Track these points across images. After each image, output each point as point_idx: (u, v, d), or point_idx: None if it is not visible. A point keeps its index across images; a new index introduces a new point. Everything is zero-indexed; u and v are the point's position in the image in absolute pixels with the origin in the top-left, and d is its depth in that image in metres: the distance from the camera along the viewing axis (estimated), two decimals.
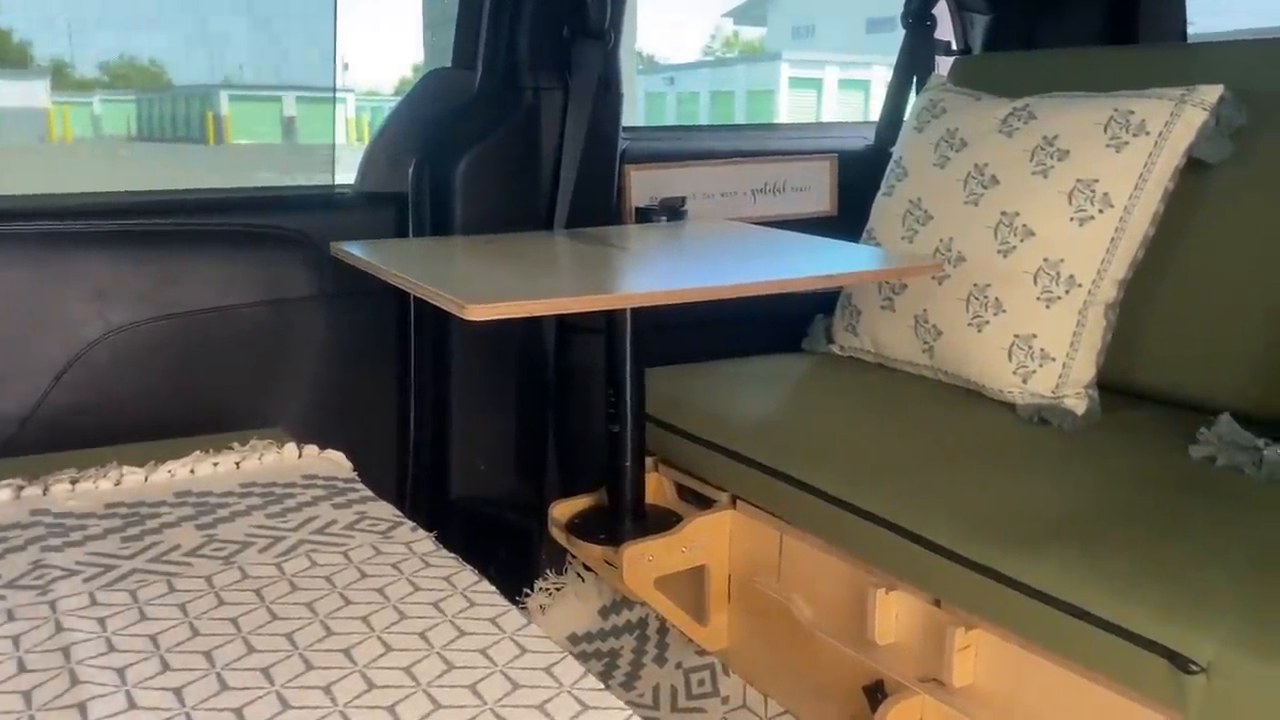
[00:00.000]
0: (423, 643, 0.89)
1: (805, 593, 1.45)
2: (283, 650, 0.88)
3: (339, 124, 15.48)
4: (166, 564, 1.04)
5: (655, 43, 45.68)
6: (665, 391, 1.68)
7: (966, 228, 1.65)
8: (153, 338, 1.62)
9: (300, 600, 0.97)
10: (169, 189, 1.78)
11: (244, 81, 20.47)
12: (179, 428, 1.50)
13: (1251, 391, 1.45)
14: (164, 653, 0.87)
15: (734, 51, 33.12)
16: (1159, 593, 1.02)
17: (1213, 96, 1.51)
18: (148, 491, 1.23)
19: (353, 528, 1.14)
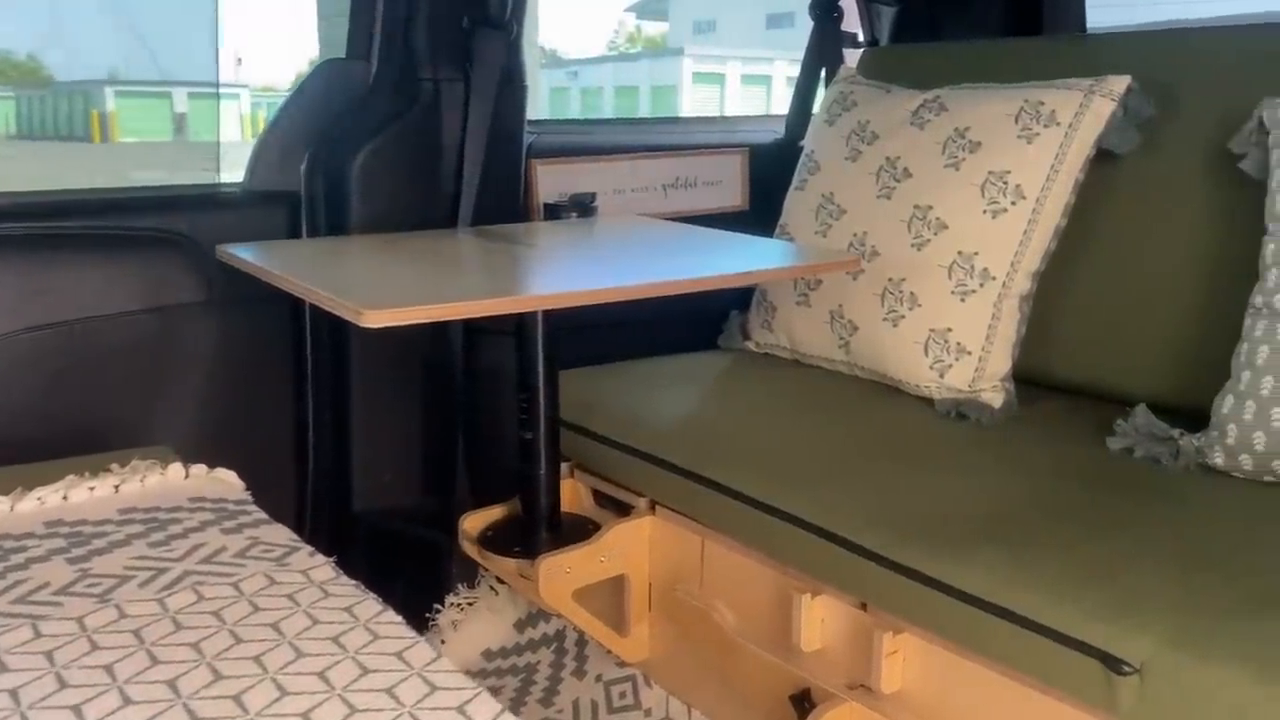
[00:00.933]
0: (322, 684, 0.82)
1: (728, 600, 1.40)
2: (163, 700, 0.79)
3: (233, 120, 15.02)
4: (32, 605, 0.94)
5: (558, 37, 45.45)
6: (579, 394, 1.62)
7: (880, 221, 1.63)
8: (22, 351, 1.50)
9: (185, 640, 0.88)
10: (38, 190, 1.65)
11: (131, 77, 19.68)
12: (53, 449, 1.38)
13: (1166, 382, 1.46)
14: (26, 709, 0.78)
15: (637, 46, 33.15)
16: (1089, 593, 1.00)
17: (1120, 87, 1.51)
18: (13, 522, 1.12)
19: (244, 555, 1.06)
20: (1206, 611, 0.95)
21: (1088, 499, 1.20)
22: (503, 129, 1.71)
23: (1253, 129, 1.36)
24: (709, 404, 1.59)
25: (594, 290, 1.27)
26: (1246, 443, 1.23)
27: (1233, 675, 0.89)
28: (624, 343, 1.82)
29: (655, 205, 1.97)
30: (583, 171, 1.88)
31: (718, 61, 21.49)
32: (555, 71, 25.41)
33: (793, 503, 1.27)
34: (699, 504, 1.41)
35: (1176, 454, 1.30)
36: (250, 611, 0.93)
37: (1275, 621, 0.93)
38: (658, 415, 1.54)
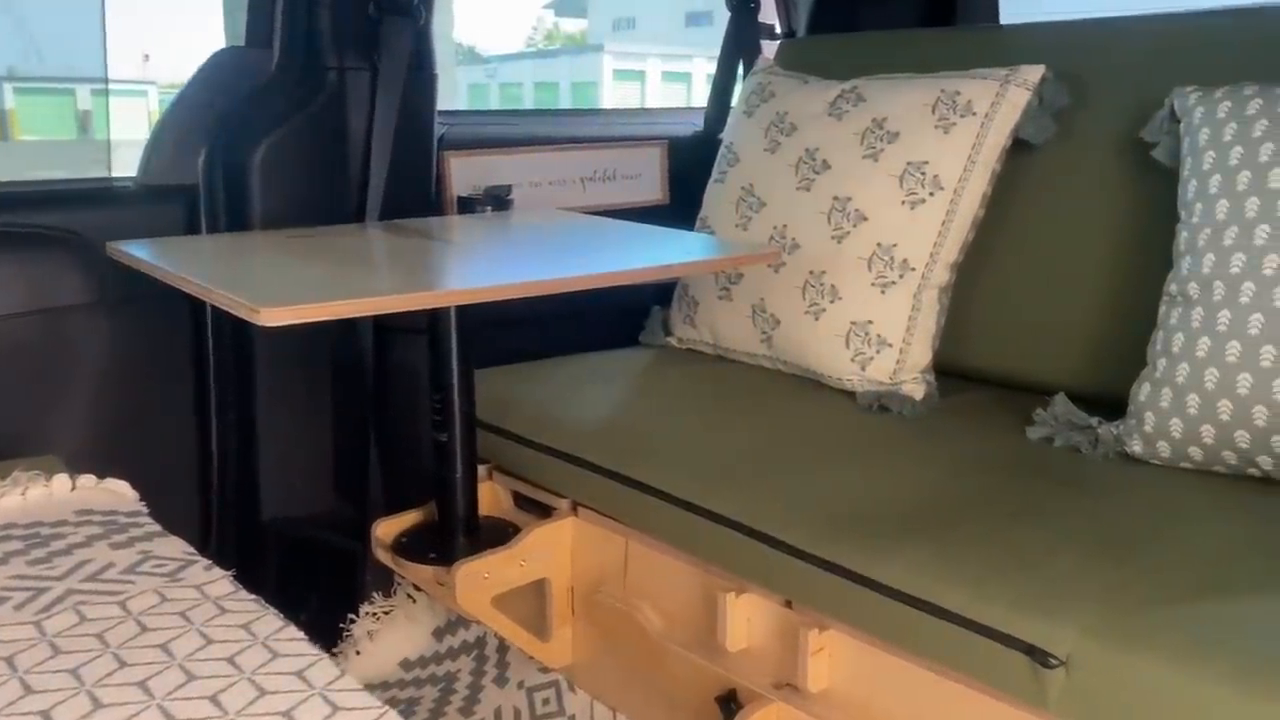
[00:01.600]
0: (215, 709, 0.76)
1: (653, 601, 1.37)
2: None
3: (140, 118, 14.58)
4: None
5: (475, 33, 45.00)
6: (496, 393, 1.57)
7: (800, 213, 1.61)
8: None
9: (63, 666, 0.81)
10: None
11: (31, 74, 18.93)
12: None
13: (1085, 370, 1.46)
14: None
15: (556, 43, 32.99)
16: (1014, 585, 0.99)
17: (1035, 76, 1.52)
18: None
19: (134, 571, 0.99)
20: (1129, 601, 0.94)
21: (1010, 490, 1.19)
22: (412, 120, 1.65)
23: (1164, 118, 1.37)
24: (631, 401, 1.56)
25: (508, 285, 1.22)
26: (1164, 430, 1.23)
27: (1157, 664, 0.88)
28: (543, 339, 1.78)
29: (573, 198, 1.93)
30: (498, 164, 1.83)
31: (638, 58, 21.50)
32: (474, 68, 25.16)
33: (716, 501, 1.24)
34: (622, 504, 1.37)
35: (1095, 442, 1.31)
36: (137, 632, 0.87)
37: (1196, 609, 0.92)
38: (578, 414, 1.50)
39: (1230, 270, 1.19)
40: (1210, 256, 1.22)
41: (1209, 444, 1.20)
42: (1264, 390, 1.13)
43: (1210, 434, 1.19)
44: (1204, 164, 1.26)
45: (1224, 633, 0.89)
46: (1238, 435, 1.17)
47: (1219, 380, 1.17)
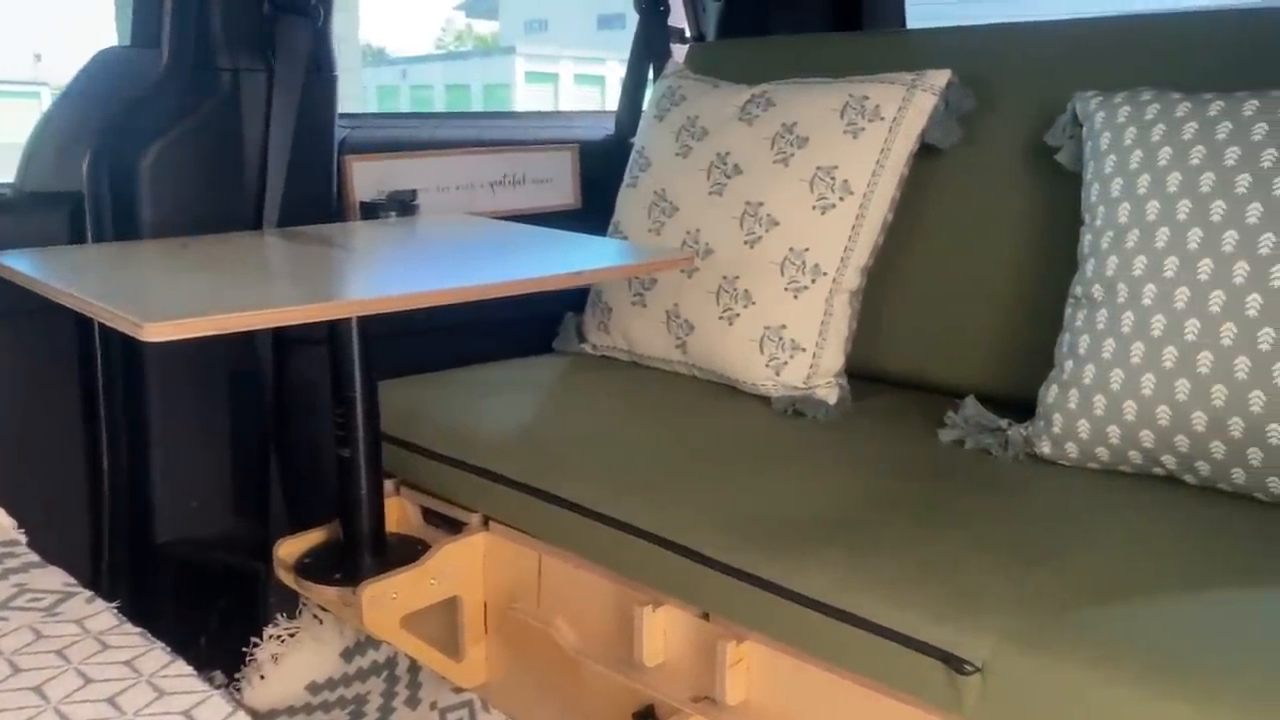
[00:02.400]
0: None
1: (568, 616, 1.34)
2: None
3: (32, 120, 14.00)
4: None
5: (385, 34, 44.36)
6: (402, 405, 1.53)
7: (712, 218, 1.59)
8: None
9: None
10: None
11: None
12: None
13: (994, 372, 1.48)
14: None
15: (468, 45, 32.69)
16: (929, 592, 0.99)
17: (941, 81, 1.53)
18: None
19: (7, 606, 0.92)
20: (1042, 605, 0.94)
21: (923, 494, 1.19)
22: (312, 122, 1.59)
23: (1066, 122, 1.39)
24: (544, 411, 1.52)
25: (412, 295, 1.18)
26: (1071, 431, 1.24)
27: (1070, 669, 0.88)
28: (451, 348, 1.73)
29: (482, 203, 1.89)
30: (402, 168, 1.78)
31: (550, 61, 21.40)
32: (384, 69, 24.76)
33: (631, 512, 1.22)
34: (535, 518, 1.34)
35: (1005, 444, 1.32)
36: (8, 674, 0.80)
37: (1106, 611, 0.93)
38: (489, 425, 1.46)
39: (1133, 272, 1.20)
40: (1113, 259, 1.23)
41: (1115, 444, 1.21)
42: (1167, 390, 1.15)
43: (1116, 434, 1.21)
44: (1105, 167, 1.28)
45: (1134, 634, 0.89)
46: (1142, 435, 1.18)
47: (1124, 381, 1.19)
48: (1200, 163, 1.17)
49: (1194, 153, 1.18)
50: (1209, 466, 1.15)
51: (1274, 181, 1.11)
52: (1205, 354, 1.12)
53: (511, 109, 20.16)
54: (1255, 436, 1.10)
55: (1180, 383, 1.14)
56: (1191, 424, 1.14)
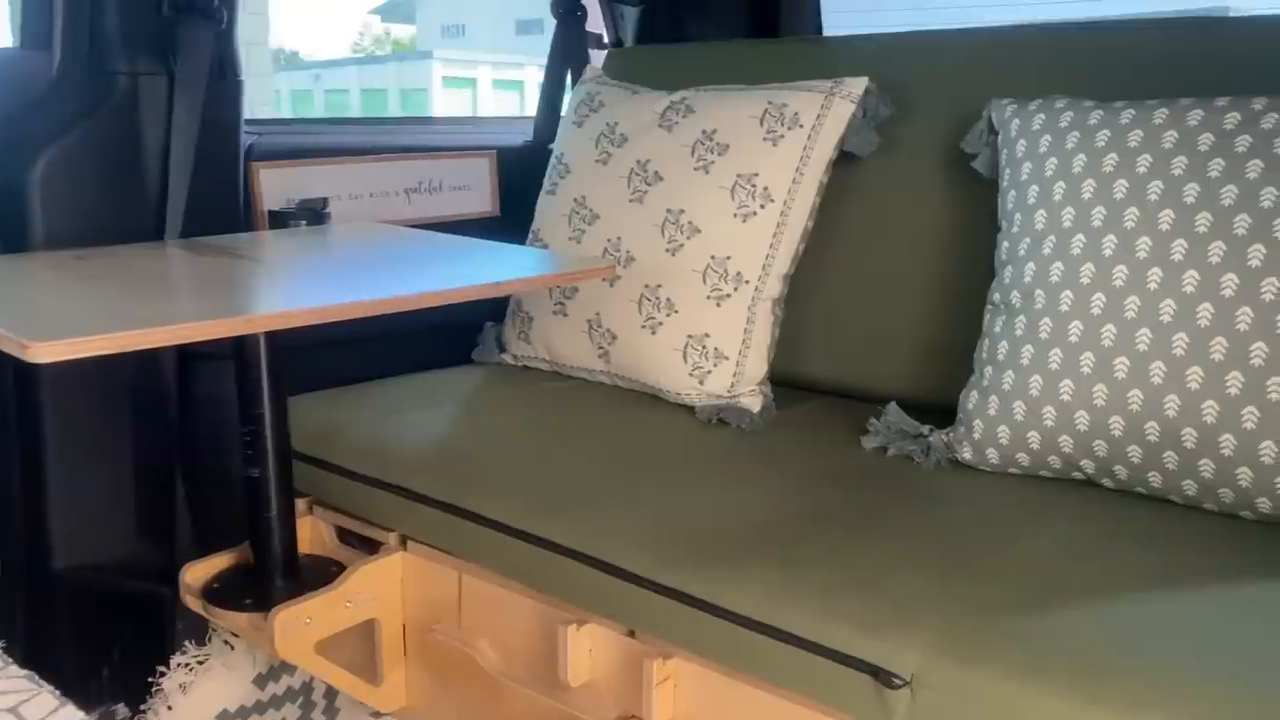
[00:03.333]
0: None
1: (490, 637, 1.30)
2: None
3: None
4: None
5: (299, 38, 43.57)
6: (314, 422, 1.47)
7: (634, 226, 1.57)
8: None
9: None
10: None
11: None
12: None
13: (916, 378, 1.48)
14: None
15: (385, 49, 32.25)
16: (857, 605, 0.98)
17: (858, 89, 1.53)
18: None
19: None
20: (970, 616, 0.94)
21: (848, 503, 1.18)
22: (216, 128, 1.53)
23: (982, 129, 1.40)
24: (463, 425, 1.48)
25: (323, 308, 1.13)
26: (992, 437, 1.25)
27: (997, 679, 0.88)
28: (366, 361, 1.68)
29: (397, 211, 1.84)
30: (313, 175, 1.72)
31: (468, 65, 21.18)
32: (298, 74, 24.25)
33: (553, 529, 1.19)
34: (454, 536, 1.30)
35: (927, 450, 1.32)
36: None
37: (1032, 619, 0.93)
38: (405, 440, 1.41)
39: (1050, 279, 1.21)
40: (1030, 266, 1.24)
41: (1035, 449, 1.22)
42: (1085, 396, 1.16)
43: (1036, 440, 1.21)
44: (1021, 175, 1.29)
45: (1061, 641, 0.89)
46: (1061, 440, 1.19)
47: (1043, 387, 1.20)
48: (1113, 170, 1.19)
49: (1107, 160, 1.20)
50: (1126, 470, 1.17)
51: (1184, 189, 1.13)
52: (1122, 359, 1.13)
53: (429, 113, 19.94)
54: (1171, 440, 1.11)
55: (1098, 388, 1.15)
56: (1109, 429, 1.15)
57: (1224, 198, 1.10)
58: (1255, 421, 1.06)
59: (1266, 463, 1.06)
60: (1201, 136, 1.14)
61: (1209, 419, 1.08)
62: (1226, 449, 1.08)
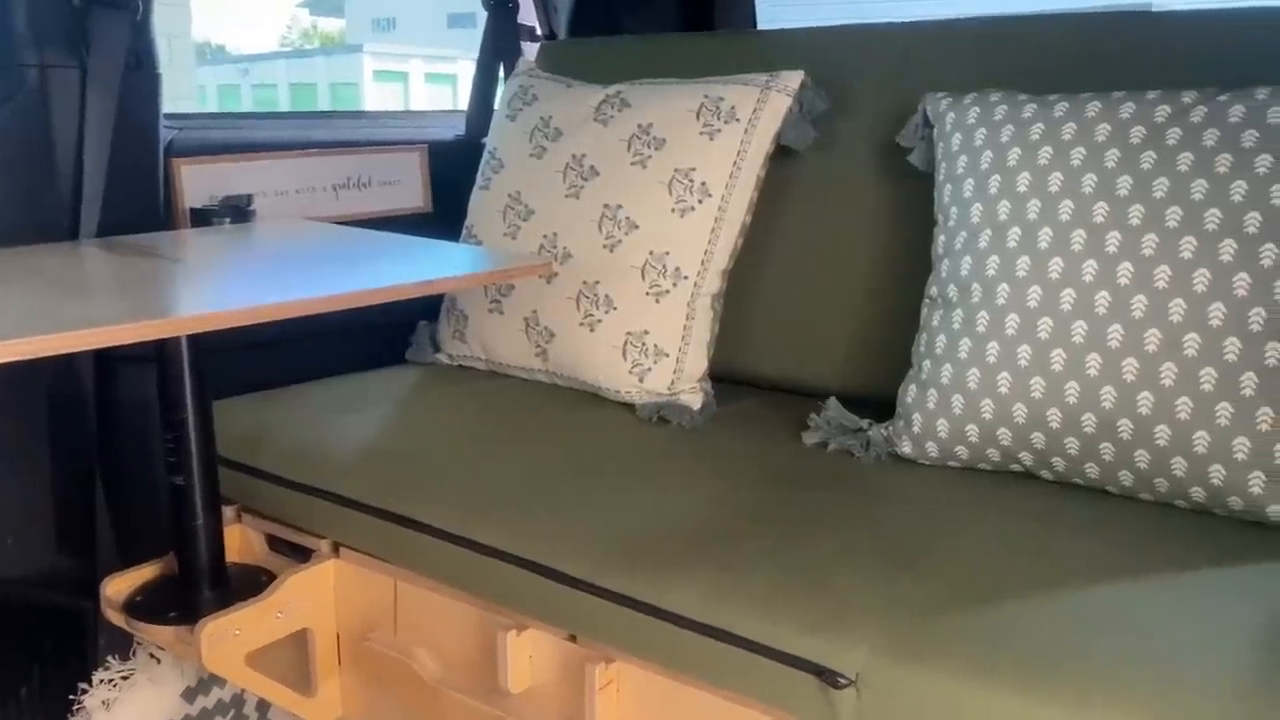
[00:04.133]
0: None
1: (428, 645, 1.27)
2: None
3: None
4: None
5: (225, 31, 42.64)
6: (242, 426, 1.42)
7: (570, 222, 1.55)
8: None
9: None
10: None
11: None
12: None
13: (854, 373, 1.48)
14: None
15: (313, 43, 31.70)
16: (801, 604, 0.97)
17: (795, 82, 1.52)
18: None
19: None
20: (914, 613, 0.93)
21: (789, 501, 1.17)
22: (133, 123, 1.47)
23: (918, 123, 1.40)
24: (396, 427, 1.44)
25: (247, 309, 1.08)
26: (931, 430, 1.25)
27: (943, 678, 0.87)
28: (295, 363, 1.63)
29: (325, 208, 1.79)
30: (237, 171, 1.67)
31: (399, 59, 20.89)
32: (224, 68, 23.72)
33: (490, 533, 1.16)
34: (389, 542, 1.26)
35: (867, 445, 1.31)
36: None
37: (975, 615, 0.92)
38: (337, 444, 1.37)
39: (986, 272, 1.22)
40: (967, 259, 1.25)
41: (974, 442, 1.22)
42: (1022, 388, 1.17)
43: (975, 433, 1.22)
44: (957, 168, 1.29)
45: (1005, 637, 0.89)
46: (1000, 433, 1.20)
47: (980, 380, 1.20)
48: (1048, 163, 1.19)
49: (1041, 153, 1.20)
50: (1064, 462, 1.17)
51: (1117, 181, 1.14)
52: (1058, 352, 1.14)
53: (360, 108, 19.63)
54: (1107, 431, 1.12)
55: (1035, 380, 1.16)
56: (1047, 421, 1.16)
57: (1156, 190, 1.11)
58: (1189, 412, 1.07)
59: (1200, 452, 1.07)
60: (1134, 129, 1.15)
61: (1144, 410, 1.09)
62: (1161, 439, 1.09)
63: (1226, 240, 1.07)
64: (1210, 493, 1.09)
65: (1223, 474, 1.07)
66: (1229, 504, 1.08)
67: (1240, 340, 1.06)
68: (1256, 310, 1.05)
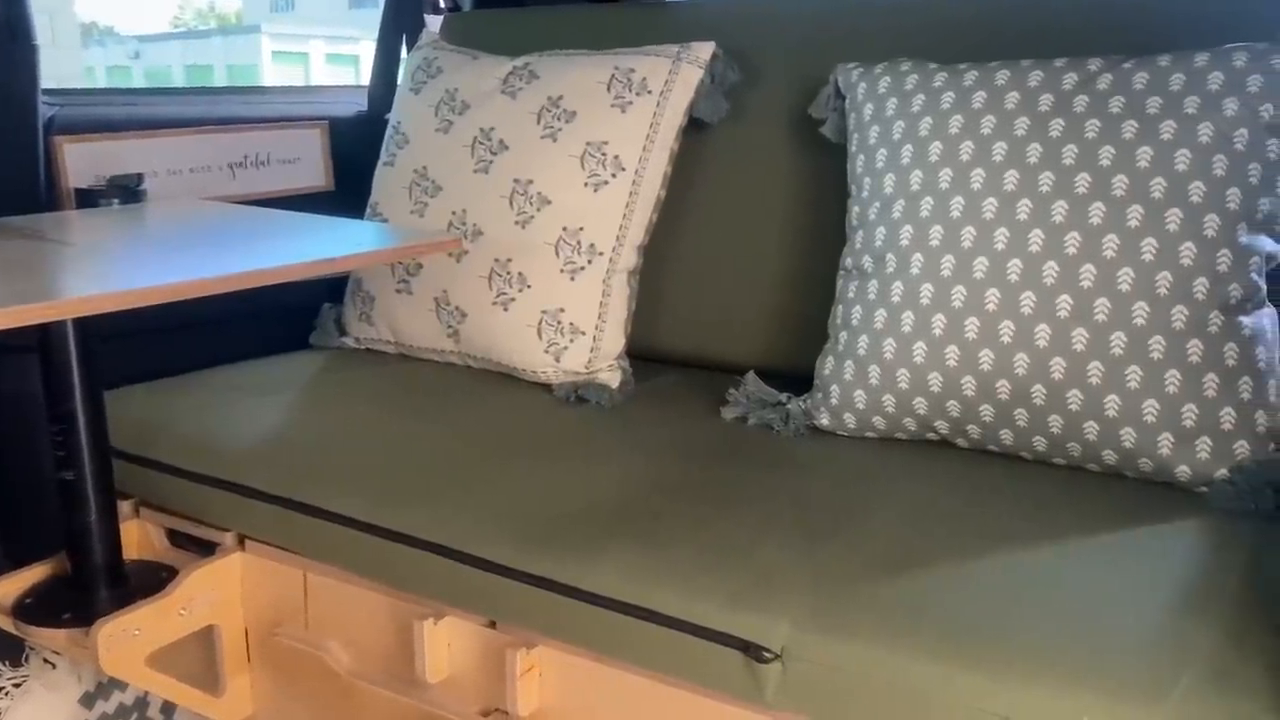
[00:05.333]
0: None
1: (341, 637, 1.22)
2: None
3: None
4: None
5: (115, 11, 40.97)
6: (137, 416, 1.35)
7: (480, 198, 1.50)
8: None
9: None
10: None
11: None
12: None
13: (773, 347, 1.47)
14: None
15: (209, 23, 30.65)
16: (724, 580, 0.95)
17: (706, 54, 1.50)
18: None
19: None
20: (836, 584, 0.92)
21: (709, 476, 1.16)
22: (8, 98, 1.38)
23: (829, 94, 1.39)
24: (302, 414, 1.39)
25: (136, 290, 1.02)
26: (849, 402, 1.25)
27: (866, 647, 0.87)
28: (194, 350, 1.56)
29: (222, 187, 1.71)
30: (125, 150, 1.58)
31: (299, 40, 20.31)
32: (114, 49, 22.77)
33: (403, 520, 1.12)
34: (296, 533, 1.21)
35: (786, 418, 1.31)
36: None
37: (896, 584, 0.92)
38: (238, 432, 1.31)
39: (900, 242, 1.21)
40: (881, 230, 1.24)
41: (891, 412, 1.22)
42: (937, 357, 1.17)
43: (891, 403, 1.22)
44: (869, 139, 1.29)
45: (925, 605, 0.89)
46: (916, 402, 1.20)
47: (896, 350, 1.20)
48: (959, 132, 1.19)
49: (952, 122, 1.20)
50: (979, 429, 1.18)
51: (1027, 149, 1.14)
52: (972, 320, 1.14)
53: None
54: (1021, 398, 1.13)
55: (950, 349, 1.16)
56: (962, 389, 1.16)
57: (1065, 157, 1.12)
58: (1100, 376, 1.09)
59: (1111, 416, 1.09)
60: (1042, 97, 1.16)
61: (1056, 376, 1.10)
62: (1074, 404, 1.10)
63: (1134, 206, 1.09)
64: (1121, 455, 1.10)
65: (1133, 436, 1.09)
66: (1139, 466, 1.10)
67: (1148, 304, 1.07)
68: (1163, 274, 1.07)
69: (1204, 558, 0.95)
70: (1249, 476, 1.05)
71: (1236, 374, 1.06)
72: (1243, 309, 1.08)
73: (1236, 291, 1.07)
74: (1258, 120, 1.08)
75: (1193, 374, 1.06)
